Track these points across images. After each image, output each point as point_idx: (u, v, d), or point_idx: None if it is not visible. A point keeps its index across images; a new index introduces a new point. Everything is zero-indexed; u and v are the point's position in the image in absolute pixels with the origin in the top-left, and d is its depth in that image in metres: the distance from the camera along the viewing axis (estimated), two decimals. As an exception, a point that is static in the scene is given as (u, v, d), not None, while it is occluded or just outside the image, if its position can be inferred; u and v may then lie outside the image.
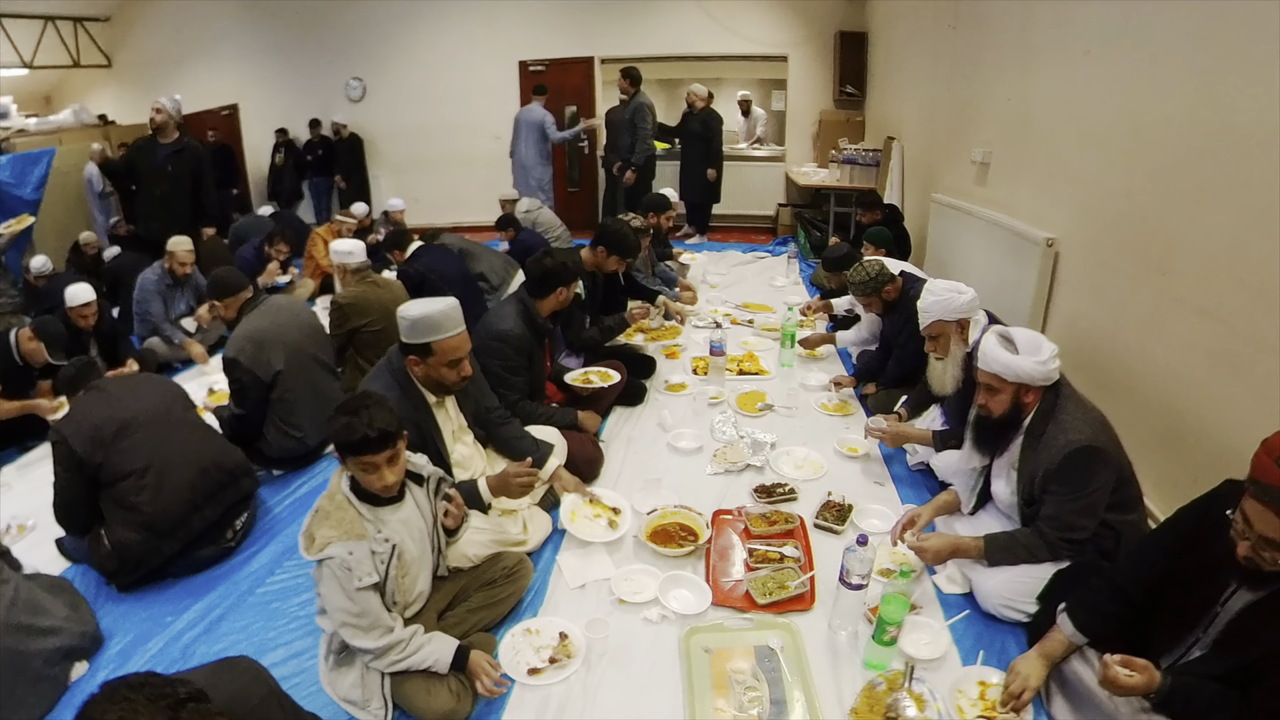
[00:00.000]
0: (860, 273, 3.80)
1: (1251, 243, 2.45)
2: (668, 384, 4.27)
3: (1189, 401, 2.77)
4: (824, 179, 7.98)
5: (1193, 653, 1.90)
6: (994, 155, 4.69)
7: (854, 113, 8.66)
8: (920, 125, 6.31)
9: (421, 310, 2.48)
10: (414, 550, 2.14)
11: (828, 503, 3.07)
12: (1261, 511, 1.62)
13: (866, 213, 5.83)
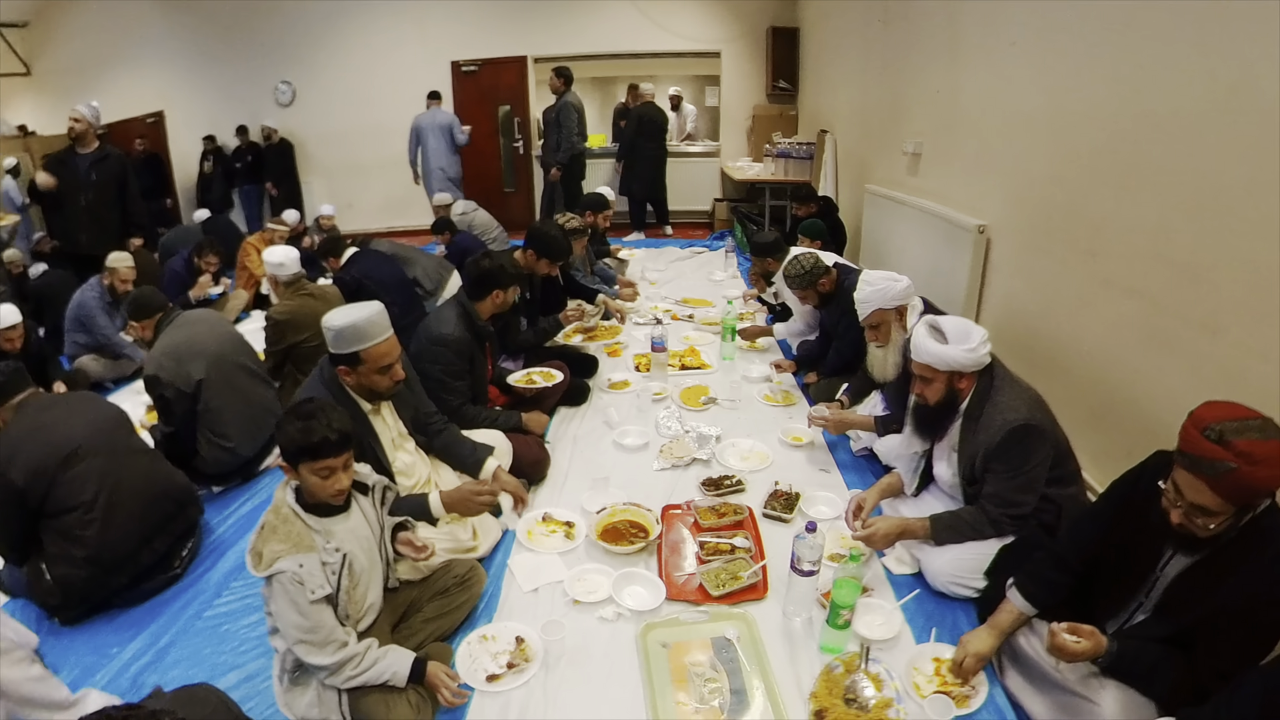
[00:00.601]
0: (795, 266, 3.86)
1: (1175, 223, 2.56)
2: (611, 382, 4.26)
3: (1120, 377, 2.87)
4: (759, 173, 8.09)
5: (1136, 617, 1.99)
6: (925, 146, 4.81)
7: (787, 107, 8.81)
8: (853, 118, 6.44)
9: (345, 319, 2.43)
10: (363, 560, 2.09)
11: (775, 492, 3.11)
12: (1191, 481, 1.69)
13: (801, 206, 5.92)
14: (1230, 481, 1.61)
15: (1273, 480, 1.62)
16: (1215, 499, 1.66)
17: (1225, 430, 1.62)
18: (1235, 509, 1.67)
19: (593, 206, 5.78)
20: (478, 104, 9.25)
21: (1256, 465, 1.59)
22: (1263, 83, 2.15)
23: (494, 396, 3.65)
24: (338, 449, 1.93)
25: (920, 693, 2.15)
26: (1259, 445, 1.59)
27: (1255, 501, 1.68)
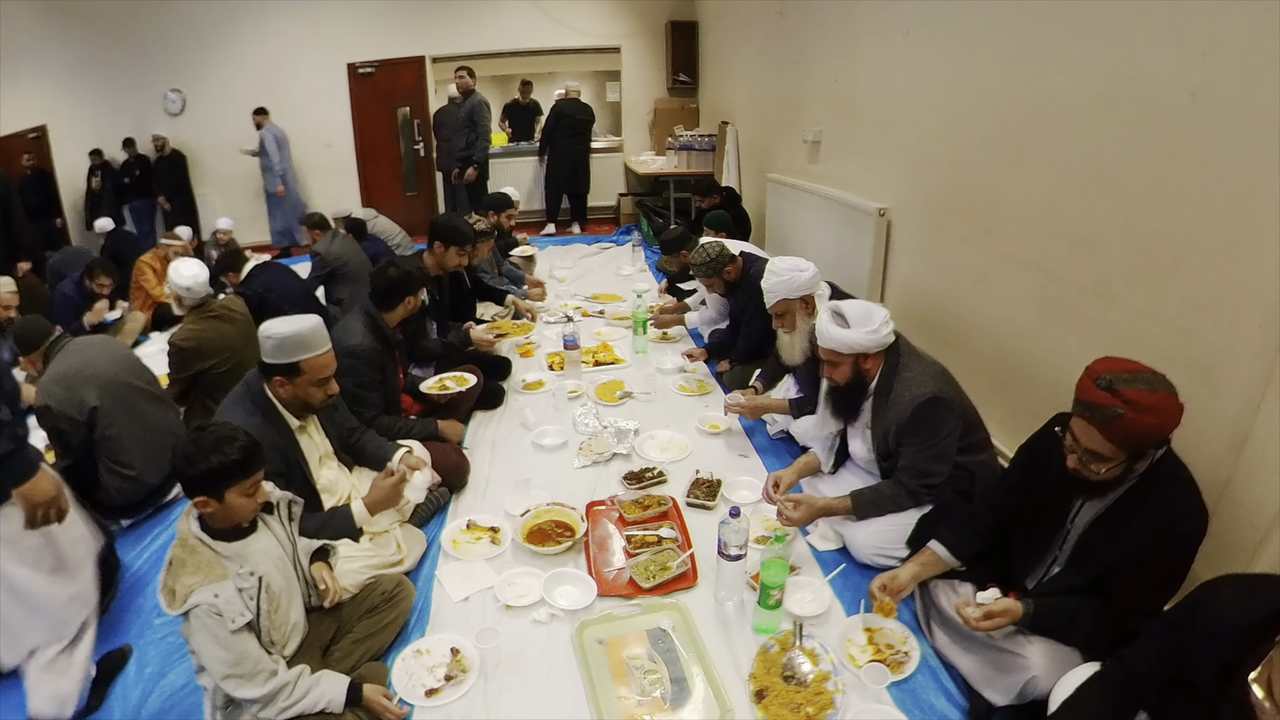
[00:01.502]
0: (701, 254, 3.93)
1: (1066, 199, 2.70)
2: (525, 383, 4.22)
3: (1022, 346, 3.02)
4: (662, 166, 8.16)
5: (1053, 570, 2.10)
6: (824, 134, 4.93)
7: (688, 100, 8.91)
8: (753, 109, 6.55)
9: (289, 328, 2.39)
10: (279, 580, 2.01)
11: (697, 480, 3.14)
12: (1085, 427, 1.81)
13: (705, 198, 6.00)
14: (1118, 427, 1.73)
15: (1158, 427, 1.74)
16: (1107, 444, 1.77)
17: (1115, 380, 1.75)
18: (1126, 455, 1.79)
19: (496, 207, 5.71)
20: (376, 106, 9.01)
21: (1142, 413, 1.71)
22: (1143, 66, 2.30)
23: (407, 405, 3.57)
24: (262, 459, 1.89)
25: (855, 663, 2.22)
26: (1145, 395, 1.72)
27: (1144, 449, 1.80)
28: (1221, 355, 2.11)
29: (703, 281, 4.10)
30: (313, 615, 2.20)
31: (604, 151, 9.40)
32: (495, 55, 9.02)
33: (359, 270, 5.10)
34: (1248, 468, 2.02)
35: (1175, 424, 1.76)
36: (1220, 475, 2.08)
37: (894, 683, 2.16)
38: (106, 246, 6.89)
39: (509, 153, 9.15)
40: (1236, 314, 2.06)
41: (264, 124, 8.29)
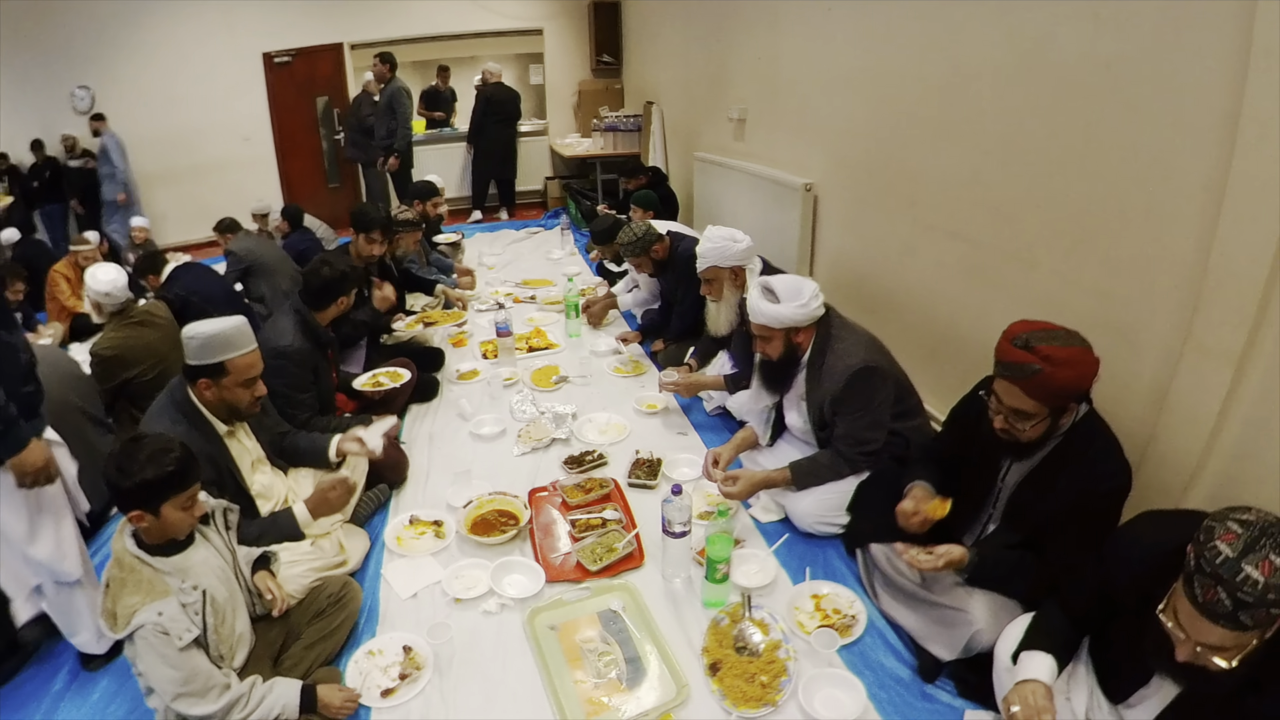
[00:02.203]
0: (628, 234, 3.93)
1: (987, 169, 2.77)
2: (459, 373, 4.14)
3: (949, 313, 3.09)
4: (588, 148, 8.10)
5: (988, 528, 2.18)
6: (750, 111, 4.95)
7: (612, 81, 8.85)
8: (678, 88, 6.55)
9: (213, 327, 2.32)
10: (222, 591, 1.94)
11: (637, 460, 3.13)
12: (1007, 386, 1.89)
13: (630, 180, 5.98)
14: (1037, 383, 1.81)
15: (1075, 380, 1.82)
16: (1029, 401, 1.85)
17: (1031, 338, 1.84)
18: (1049, 411, 1.87)
19: (422, 195, 5.59)
20: (294, 97, 8.63)
21: (1059, 366, 1.79)
22: (1060, 40, 2.36)
23: (342, 404, 3.47)
24: (198, 470, 1.83)
25: (805, 630, 2.26)
26: (1060, 350, 1.81)
27: (1065, 403, 1.88)
28: (1140, 316, 2.20)
29: (631, 262, 4.10)
30: (260, 625, 2.13)
31: (530, 135, 9.26)
32: (416, 40, 8.75)
33: (275, 264, 4.93)
34: (1169, 422, 2.11)
35: (1092, 377, 1.85)
36: (1144, 430, 2.17)
37: (844, 646, 2.21)
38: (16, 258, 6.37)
39: (431, 139, 8.94)
40: (1154, 276, 2.14)
41: (102, 130, 7.73)
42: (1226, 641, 1.30)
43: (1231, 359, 1.89)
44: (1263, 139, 1.76)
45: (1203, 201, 1.95)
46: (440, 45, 8.99)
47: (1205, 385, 1.98)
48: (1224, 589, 1.25)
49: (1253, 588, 1.22)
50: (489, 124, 8.03)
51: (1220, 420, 1.96)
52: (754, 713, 1.98)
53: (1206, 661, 1.35)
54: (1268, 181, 1.76)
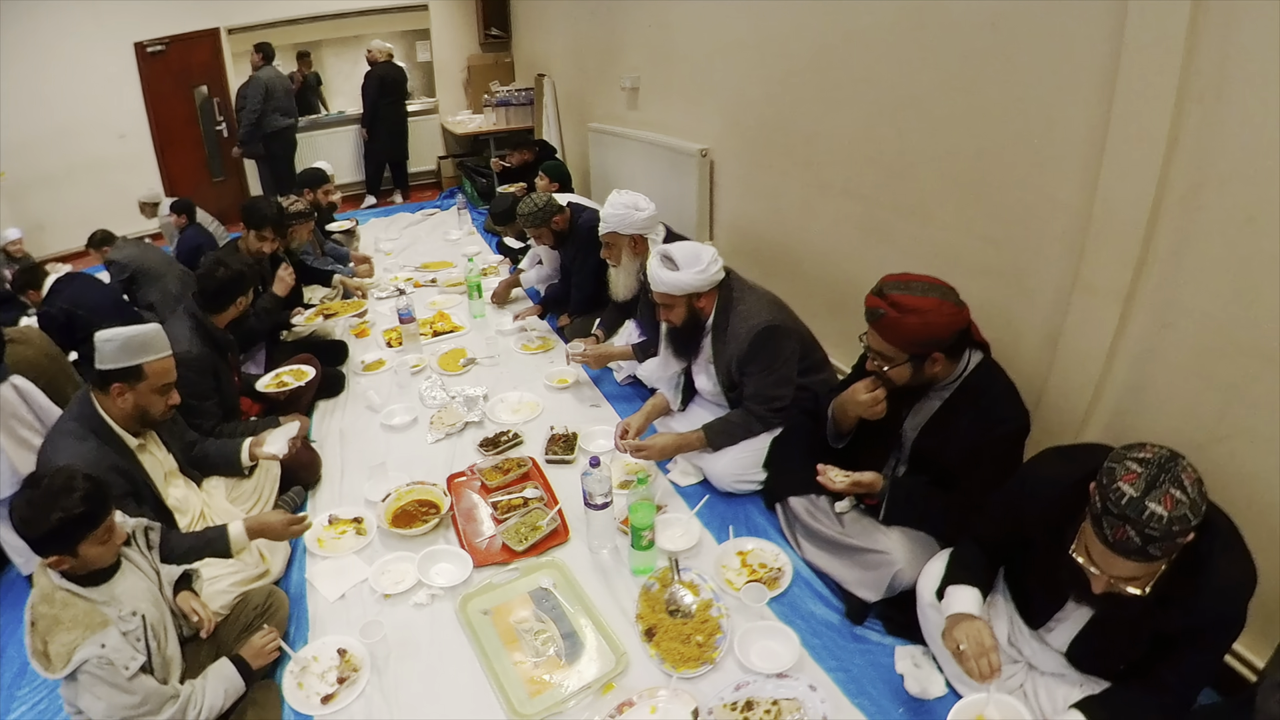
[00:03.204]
0: (528, 204, 3.86)
1: (879, 128, 2.82)
2: (365, 364, 3.98)
3: (848, 269, 3.15)
4: (480, 125, 7.87)
5: (897, 472, 2.26)
6: (642, 80, 4.90)
7: (502, 54, 8.57)
8: (569, 59, 6.42)
9: (130, 330, 2.25)
10: (154, 613, 1.83)
11: (553, 436, 3.11)
12: (870, 330, 2.00)
13: (514, 153, 5.87)
14: (886, 325, 1.92)
15: (921, 326, 1.91)
16: (883, 343, 1.97)
17: (885, 286, 1.96)
18: (906, 356, 1.96)
19: (311, 183, 5.31)
20: (171, 88, 7.85)
21: (905, 313, 1.90)
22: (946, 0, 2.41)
23: (246, 408, 3.28)
24: (109, 501, 1.72)
25: (734, 587, 2.29)
26: (909, 298, 1.91)
27: (920, 349, 1.96)
28: (1031, 262, 2.29)
29: (531, 233, 4.03)
30: (188, 646, 2.01)
31: (420, 114, 8.88)
32: (296, 21, 8.19)
33: (161, 269, 4.56)
34: (1063, 361, 2.21)
35: (947, 327, 1.93)
36: (1039, 371, 2.27)
37: (773, 598, 2.26)
38: None
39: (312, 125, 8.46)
40: (1042, 224, 2.23)
41: None
42: (1138, 573, 1.38)
43: (1118, 298, 1.99)
44: (1140, 89, 1.83)
45: (1085, 151, 2.03)
46: (323, 26, 8.46)
47: (1095, 324, 2.08)
48: (1132, 527, 1.32)
49: (1158, 523, 1.29)
50: (384, 105, 7.67)
51: (1110, 356, 2.06)
52: (693, 672, 2.01)
53: (1120, 590, 1.42)
54: (1145, 129, 1.84)
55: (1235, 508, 1.52)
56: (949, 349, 1.98)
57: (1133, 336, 2.02)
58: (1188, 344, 1.90)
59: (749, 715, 1.85)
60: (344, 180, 8.03)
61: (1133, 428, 1.47)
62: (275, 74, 7.09)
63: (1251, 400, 1.76)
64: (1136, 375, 2.03)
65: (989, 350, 2.08)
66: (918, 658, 2.05)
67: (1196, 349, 1.88)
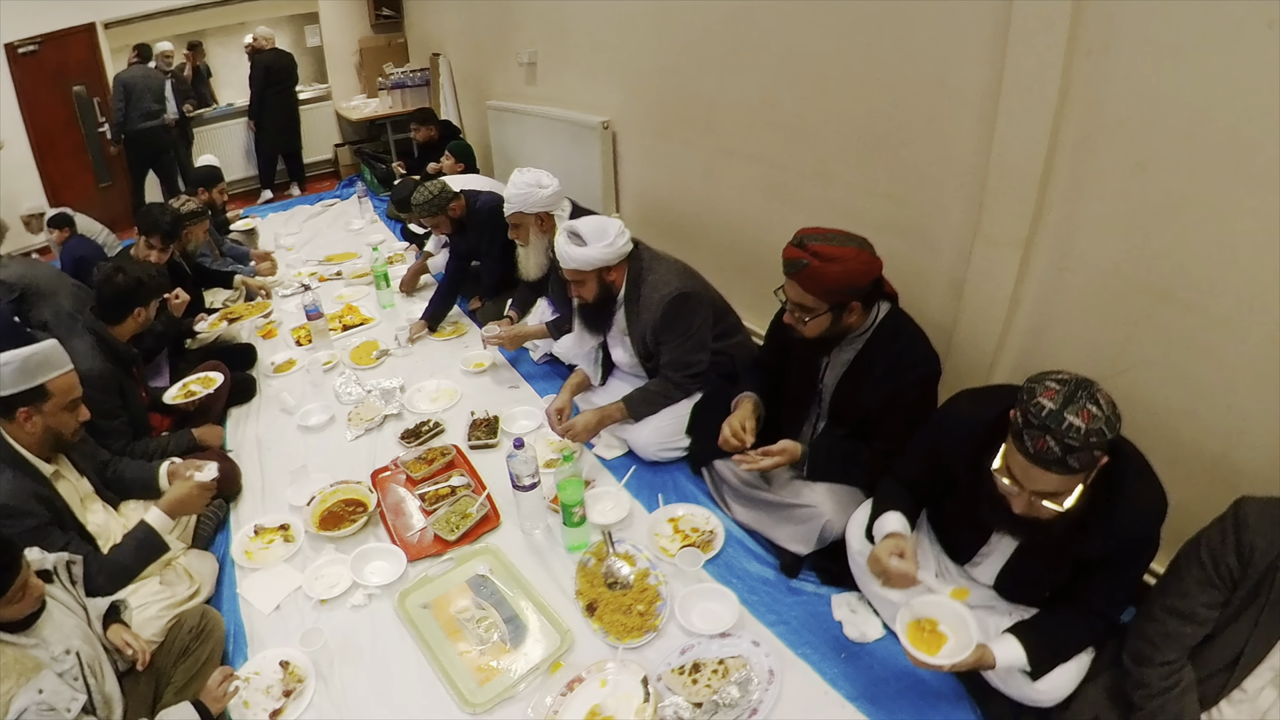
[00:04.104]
0: (423, 194, 3.74)
1: (778, 93, 2.82)
2: (275, 365, 3.78)
3: (755, 232, 3.16)
4: (376, 109, 7.55)
5: (818, 426, 2.29)
6: (540, 55, 4.78)
7: (395, 35, 8.20)
8: (464, 37, 6.20)
9: (25, 350, 2.14)
10: (87, 649, 1.71)
11: (474, 422, 3.04)
12: (789, 283, 2.00)
13: (421, 128, 5.70)
14: (807, 276, 1.93)
15: (842, 276, 1.93)
16: (803, 294, 1.97)
17: (805, 238, 1.96)
18: (828, 306, 1.98)
19: (206, 181, 5.00)
20: (47, 90, 7.08)
21: (826, 262, 1.91)
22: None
23: (156, 423, 3.07)
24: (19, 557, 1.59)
25: (669, 553, 2.30)
26: (829, 248, 1.93)
27: (842, 299, 1.98)
28: (933, 216, 2.34)
29: (428, 223, 3.91)
30: (126, 681, 1.88)
31: (312, 102, 8.42)
32: (176, 12, 7.59)
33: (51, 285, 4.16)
34: (968, 309, 2.27)
35: (865, 275, 1.96)
36: (947, 319, 2.33)
37: (708, 561, 2.28)
38: None
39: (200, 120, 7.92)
40: (941, 179, 2.27)
41: None
42: (1057, 486, 1.43)
43: (1018, 246, 2.05)
44: (1030, 45, 1.88)
45: (980, 107, 2.07)
46: (206, 15, 7.87)
47: (997, 272, 2.14)
48: (1052, 437, 1.37)
49: (1076, 434, 1.35)
50: (271, 95, 7.26)
51: (1014, 301, 2.13)
52: (638, 641, 2.01)
53: (1040, 510, 1.47)
54: (1036, 84, 1.89)
55: (1138, 437, 1.58)
56: (865, 297, 2.01)
57: (1033, 281, 2.09)
58: (1085, 286, 1.98)
59: (697, 677, 1.87)
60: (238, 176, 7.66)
61: (1039, 367, 1.53)
62: (142, 72, 6.65)
63: (1148, 335, 1.85)
64: (1039, 318, 2.11)
65: (897, 300, 2.12)
66: (853, 604, 2.11)
67: (1094, 290, 1.96)
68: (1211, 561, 1.47)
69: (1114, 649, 1.66)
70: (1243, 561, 1.44)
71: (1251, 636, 1.44)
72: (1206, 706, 1.51)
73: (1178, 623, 1.51)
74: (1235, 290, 1.71)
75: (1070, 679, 1.66)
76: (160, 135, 6.83)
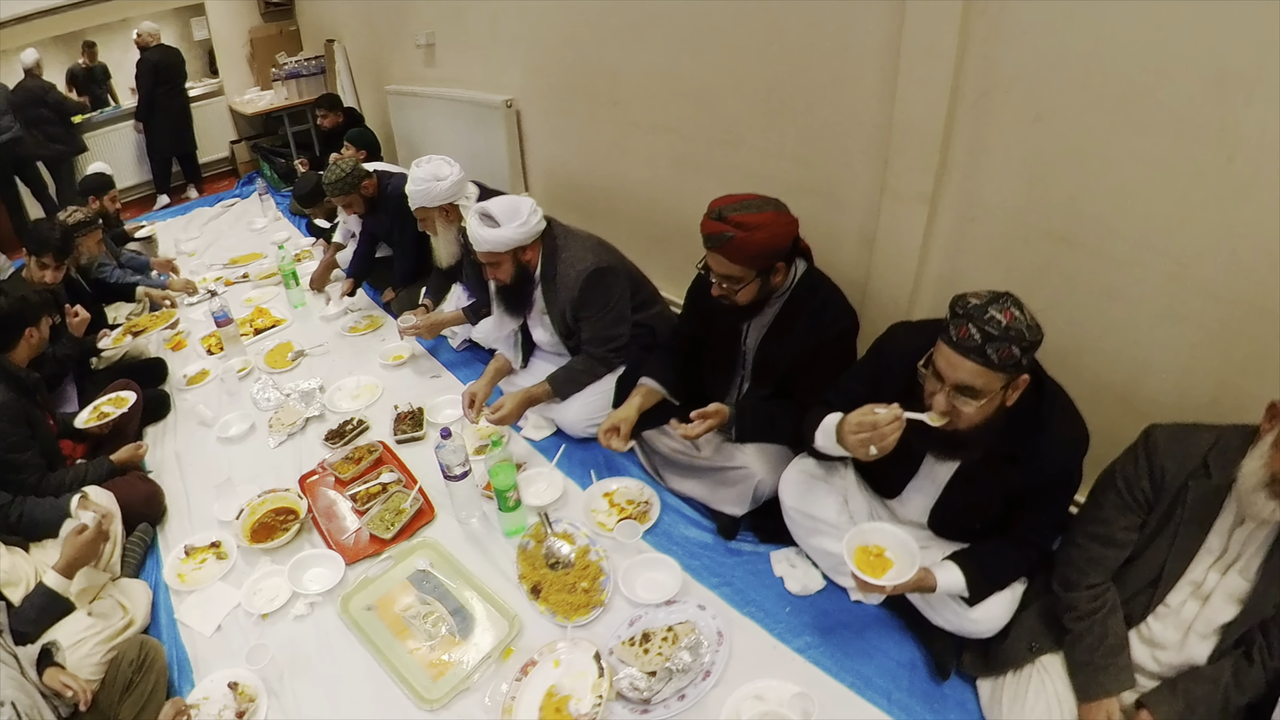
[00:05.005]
0: (335, 172, 3.61)
1: (682, 61, 2.78)
2: (187, 378, 3.57)
3: (667, 202, 3.14)
4: (271, 101, 7.13)
5: (744, 388, 2.30)
6: (438, 35, 4.62)
7: (286, 23, 7.75)
8: (358, 21, 5.94)
9: None
10: (24, 699, 1.61)
11: (399, 415, 2.97)
12: (714, 256, 2.00)
13: (328, 114, 5.47)
14: (734, 248, 1.92)
15: (769, 240, 1.94)
16: (731, 266, 1.97)
17: (724, 210, 1.94)
18: (755, 272, 1.98)
19: (97, 189, 4.66)
20: None
21: (751, 231, 1.91)
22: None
23: (69, 450, 2.84)
24: None
25: (607, 528, 2.29)
26: (751, 216, 1.92)
27: (768, 264, 1.99)
28: (841, 175, 2.35)
29: (340, 202, 3.74)
30: None
31: (204, 98, 7.88)
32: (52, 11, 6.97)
33: None
34: (880, 263, 2.30)
35: (788, 236, 1.97)
36: (860, 275, 2.35)
37: (647, 531, 2.29)
38: None
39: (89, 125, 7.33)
40: (847, 139, 2.28)
41: None
42: (975, 378, 1.46)
43: (924, 200, 2.08)
44: (927, 5, 1.89)
45: (881, 66, 2.08)
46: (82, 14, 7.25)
47: (905, 226, 2.17)
48: (974, 325, 1.43)
49: (997, 325, 1.42)
50: (162, 95, 6.79)
51: (924, 253, 2.16)
52: (586, 618, 2.01)
53: (959, 413, 1.51)
54: (935, 41, 1.91)
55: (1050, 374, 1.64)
56: (787, 257, 2.02)
57: (941, 233, 2.13)
58: (991, 235, 2.03)
59: (648, 646, 1.87)
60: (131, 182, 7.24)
61: (951, 316, 1.60)
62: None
63: (1053, 278, 1.92)
64: (949, 267, 2.15)
65: (811, 257, 2.13)
66: (792, 558, 2.14)
67: (1000, 238, 2.01)
68: (1126, 487, 1.55)
69: (1044, 578, 1.74)
70: (1155, 485, 1.51)
71: (1169, 554, 1.51)
72: (1135, 623, 1.58)
73: (1099, 547, 1.59)
74: (1132, 232, 1.78)
75: (1005, 609, 1.74)
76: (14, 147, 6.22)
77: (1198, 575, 1.51)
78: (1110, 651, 1.55)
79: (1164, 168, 1.67)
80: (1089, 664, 1.57)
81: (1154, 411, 1.76)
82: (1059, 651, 1.65)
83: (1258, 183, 1.56)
